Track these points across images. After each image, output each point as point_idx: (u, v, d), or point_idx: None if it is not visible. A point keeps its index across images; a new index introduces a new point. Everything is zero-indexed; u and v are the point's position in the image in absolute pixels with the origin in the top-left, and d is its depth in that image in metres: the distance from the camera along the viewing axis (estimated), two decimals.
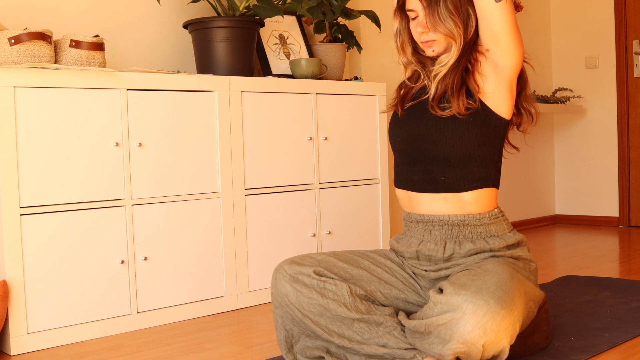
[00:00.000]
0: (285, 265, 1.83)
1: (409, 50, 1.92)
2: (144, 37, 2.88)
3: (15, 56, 2.21)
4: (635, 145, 4.64)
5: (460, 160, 1.81)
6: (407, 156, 1.90)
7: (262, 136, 2.72)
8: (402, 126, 1.91)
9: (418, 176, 1.87)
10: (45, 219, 2.19)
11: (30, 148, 2.16)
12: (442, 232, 1.84)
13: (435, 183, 1.84)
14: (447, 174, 1.82)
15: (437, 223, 1.85)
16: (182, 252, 2.50)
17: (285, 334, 1.86)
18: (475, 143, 1.80)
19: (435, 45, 1.83)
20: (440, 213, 1.84)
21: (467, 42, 1.80)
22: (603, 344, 1.97)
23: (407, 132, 1.88)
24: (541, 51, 4.93)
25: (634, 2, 4.59)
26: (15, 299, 2.13)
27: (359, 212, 3.05)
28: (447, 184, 1.82)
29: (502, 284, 1.59)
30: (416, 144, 1.86)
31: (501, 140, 1.87)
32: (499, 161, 1.88)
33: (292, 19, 3.20)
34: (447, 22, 1.77)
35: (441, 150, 1.81)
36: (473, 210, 1.82)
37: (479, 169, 1.83)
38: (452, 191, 1.82)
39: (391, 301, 1.85)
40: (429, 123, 1.83)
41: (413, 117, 1.88)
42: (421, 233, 1.88)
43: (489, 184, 1.84)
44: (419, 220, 1.88)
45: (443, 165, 1.82)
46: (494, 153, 1.85)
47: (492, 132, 1.82)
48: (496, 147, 1.86)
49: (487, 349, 1.54)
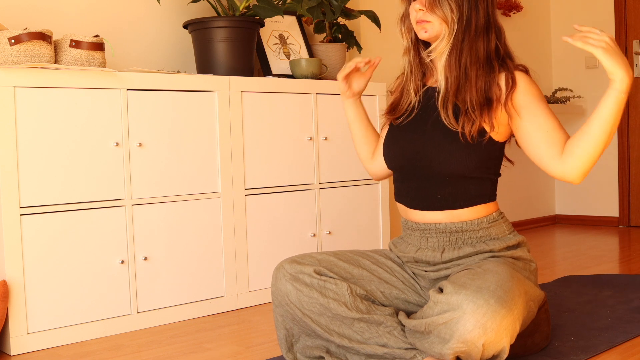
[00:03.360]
0: (286, 264, 1.83)
1: (412, 36, 1.89)
2: (144, 37, 2.88)
3: (15, 56, 2.21)
4: (635, 145, 4.64)
5: (457, 179, 1.80)
6: (402, 173, 1.89)
7: (262, 136, 2.72)
8: (397, 143, 1.89)
9: (414, 193, 1.86)
10: (45, 219, 2.19)
11: (30, 148, 2.16)
12: (439, 239, 1.83)
13: (430, 200, 1.83)
14: (443, 191, 1.81)
15: (433, 231, 1.84)
16: (182, 252, 2.50)
17: (285, 333, 1.86)
18: (474, 167, 1.79)
19: (428, 27, 1.79)
20: (437, 222, 1.84)
21: (461, 33, 1.77)
22: (603, 344, 1.97)
23: (403, 150, 1.86)
24: (541, 51, 4.93)
25: (634, 2, 4.59)
26: (15, 299, 2.13)
27: (359, 212, 3.05)
28: (443, 202, 1.82)
29: (502, 283, 1.59)
30: (412, 162, 1.84)
31: (499, 161, 1.87)
32: (495, 178, 1.88)
33: (292, 19, 3.21)
34: (444, 6, 1.76)
35: (438, 169, 1.79)
36: (471, 218, 1.82)
37: (475, 187, 1.81)
38: (448, 209, 1.82)
39: (391, 301, 1.85)
40: (426, 143, 1.81)
41: (409, 135, 1.86)
42: (418, 240, 1.87)
43: (485, 200, 1.83)
44: (415, 228, 1.88)
45: (439, 184, 1.81)
46: (490, 173, 1.84)
47: (490, 155, 1.81)
48: (494, 167, 1.85)
49: (487, 348, 1.54)
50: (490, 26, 1.81)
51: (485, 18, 1.79)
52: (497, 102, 1.76)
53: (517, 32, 4.73)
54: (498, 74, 1.78)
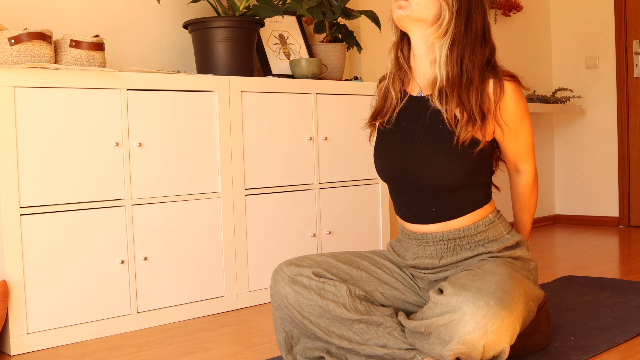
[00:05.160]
0: (284, 266, 1.83)
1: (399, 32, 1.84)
2: (144, 37, 2.88)
3: (15, 56, 2.21)
4: (635, 145, 4.64)
5: (451, 191, 1.78)
6: (395, 186, 1.88)
7: (262, 136, 2.72)
8: (386, 158, 1.85)
9: (407, 207, 1.85)
10: (45, 219, 2.19)
11: (30, 148, 2.16)
12: (437, 247, 1.83)
13: (425, 214, 1.82)
14: (438, 204, 1.80)
15: (430, 240, 1.83)
16: (182, 252, 2.50)
17: (285, 335, 1.86)
18: (468, 175, 1.77)
19: (405, 6, 1.73)
20: (433, 231, 1.83)
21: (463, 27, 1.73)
22: (603, 344, 1.97)
23: (393, 165, 1.83)
24: (541, 51, 4.93)
25: (634, 2, 4.59)
26: (15, 299, 2.13)
27: (359, 212, 3.05)
28: (438, 214, 1.81)
29: (502, 284, 1.59)
30: (403, 177, 1.82)
31: (490, 161, 1.85)
32: (488, 180, 1.87)
33: (292, 19, 3.20)
34: None
35: (431, 184, 1.78)
36: (467, 224, 1.81)
37: (469, 195, 1.80)
38: (444, 220, 1.81)
39: (391, 301, 1.85)
40: (415, 158, 1.78)
41: (397, 150, 1.82)
42: (415, 249, 1.87)
43: (480, 204, 1.82)
44: (412, 237, 1.87)
45: (433, 197, 1.80)
46: (483, 177, 1.83)
47: (482, 160, 1.80)
48: (486, 170, 1.84)
49: (487, 350, 1.54)
50: (487, 39, 1.79)
51: (482, 27, 1.78)
52: (487, 113, 1.74)
53: (517, 32, 4.73)
54: (487, 79, 1.75)
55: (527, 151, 1.87)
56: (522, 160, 1.89)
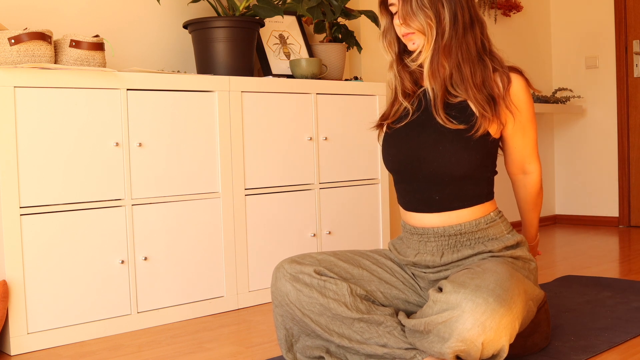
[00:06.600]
0: (286, 264, 1.83)
1: (395, 49, 1.90)
2: (144, 37, 2.88)
3: (15, 56, 2.21)
4: (635, 145, 4.64)
5: (455, 180, 1.80)
6: (400, 175, 1.89)
7: (262, 136, 2.72)
8: (394, 146, 1.88)
9: (411, 195, 1.86)
10: (45, 219, 2.19)
11: (30, 148, 2.16)
12: (438, 243, 1.83)
13: (428, 202, 1.83)
14: (442, 193, 1.81)
15: (432, 235, 1.84)
16: (182, 252, 2.50)
17: (285, 333, 1.86)
18: (473, 166, 1.80)
19: (415, 38, 1.80)
20: (435, 226, 1.84)
21: (447, 34, 1.77)
22: (603, 344, 1.97)
23: (401, 153, 1.86)
24: (541, 51, 4.93)
25: (634, 2, 4.59)
26: (15, 299, 2.13)
27: (359, 212, 3.05)
28: (441, 204, 1.82)
29: (502, 282, 1.59)
30: (410, 164, 1.84)
31: (494, 158, 1.88)
32: (491, 177, 1.89)
33: (292, 19, 3.21)
34: (419, 16, 1.76)
35: (436, 170, 1.80)
36: (468, 219, 1.82)
37: (472, 187, 1.82)
38: (445, 210, 1.82)
39: (391, 301, 1.85)
40: (424, 145, 1.81)
41: (406, 138, 1.85)
42: (416, 245, 1.87)
43: (482, 200, 1.84)
44: (413, 232, 1.88)
45: (437, 185, 1.81)
46: (487, 171, 1.85)
47: (488, 153, 1.83)
48: (490, 165, 1.86)
49: (486, 347, 1.54)
50: (474, 20, 1.82)
51: (469, 12, 1.80)
52: (499, 98, 1.78)
53: (517, 32, 4.73)
54: (492, 72, 1.80)
55: (534, 149, 1.91)
56: (529, 160, 1.91)
